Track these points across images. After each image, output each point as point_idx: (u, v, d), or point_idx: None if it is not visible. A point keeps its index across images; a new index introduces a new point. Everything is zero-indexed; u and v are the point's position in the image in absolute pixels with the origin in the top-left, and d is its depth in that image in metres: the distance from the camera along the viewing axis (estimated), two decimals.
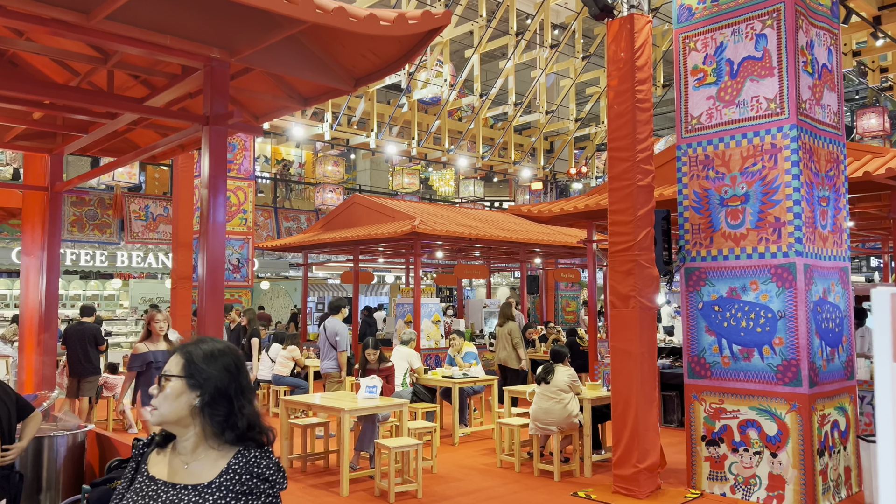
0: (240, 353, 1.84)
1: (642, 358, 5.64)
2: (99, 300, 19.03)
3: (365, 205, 13.47)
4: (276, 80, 4.17)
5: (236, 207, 13.07)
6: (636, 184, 5.69)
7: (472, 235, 12.09)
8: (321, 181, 18.44)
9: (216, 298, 3.66)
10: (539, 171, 18.25)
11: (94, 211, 15.68)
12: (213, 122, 3.55)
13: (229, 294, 12.94)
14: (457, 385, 7.72)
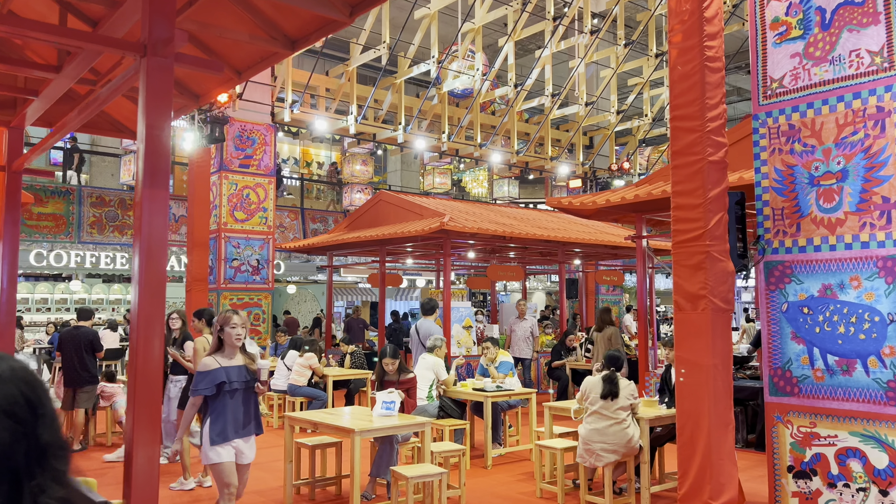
0: (35, 382, 0.94)
1: (715, 371, 4.61)
2: (122, 304, 18.51)
3: (392, 202, 12.60)
4: (249, 12, 3.28)
5: (256, 205, 12.32)
6: (706, 159, 4.68)
7: (506, 234, 11.11)
8: (349, 181, 17.67)
9: (153, 294, 2.76)
10: (578, 168, 17.18)
11: (114, 212, 15.13)
12: (153, 52, 2.67)
13: (248, 297, 12.18)
14: (489, 399, 6.75)
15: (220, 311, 3.72)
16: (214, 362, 4.08)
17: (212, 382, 4.02)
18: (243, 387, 4.11)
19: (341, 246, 13.38)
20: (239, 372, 4.10)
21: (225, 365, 4.09)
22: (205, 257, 11.50)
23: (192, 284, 11.32)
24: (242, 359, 4.17)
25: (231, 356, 4.15)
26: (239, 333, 4.14)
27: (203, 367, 4.08)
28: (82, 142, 20.46)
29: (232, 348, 4.15)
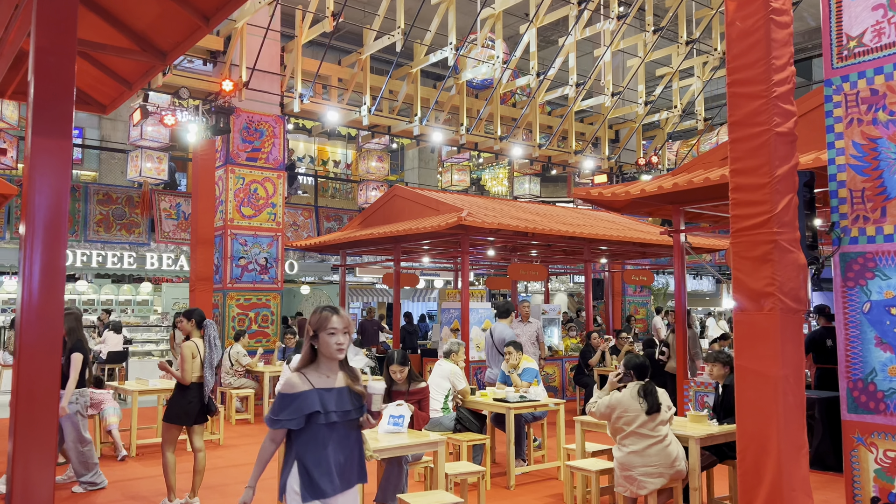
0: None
1: (786, 384, 3.84)
2: (132, 305, 18.01)
3: (407, 197, 11.91)
4: None
5: (264, 201, 11.69)
6: (773, 130, 3.91)
7: (528, 229, 10.37)
8: (364, 178, 17.03)
9: (47, 285, 2.06)
10: (603, 163, 16.36)
11: (121, 210, 14.60)
12: None
13: (256, 297, 11.55)
14: (513, 411, 6.01)
15: (315, 310, 2.97)
16: (304, 382, 2.89)
17: (300, 411, 2.84)
18: (345, 419, 2.94)
19: (354, 243, 12.72)
20: (340, 398, 2.92)
21: (320, 387, 2.89)
22: (210, 255, 10.89)
23: (197, 284, 10.72)
24: (344, 378, 2.98)
25: (329, 374, 2.94)
26: (341, 342, 2.91)
27: (288, 388, 2.89)
28: (92, 137, 20.04)
29: (330, 362, 2.95)
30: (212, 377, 5.43)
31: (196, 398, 5.40)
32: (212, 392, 5.66)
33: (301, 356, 3.00)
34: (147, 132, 12.52)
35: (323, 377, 2.93)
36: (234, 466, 7.02)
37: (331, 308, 2.95)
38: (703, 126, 16.82)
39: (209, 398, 5.48)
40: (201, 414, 5.48)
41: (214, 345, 5.46)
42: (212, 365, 5.42)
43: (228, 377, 9.95)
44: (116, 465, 7.00)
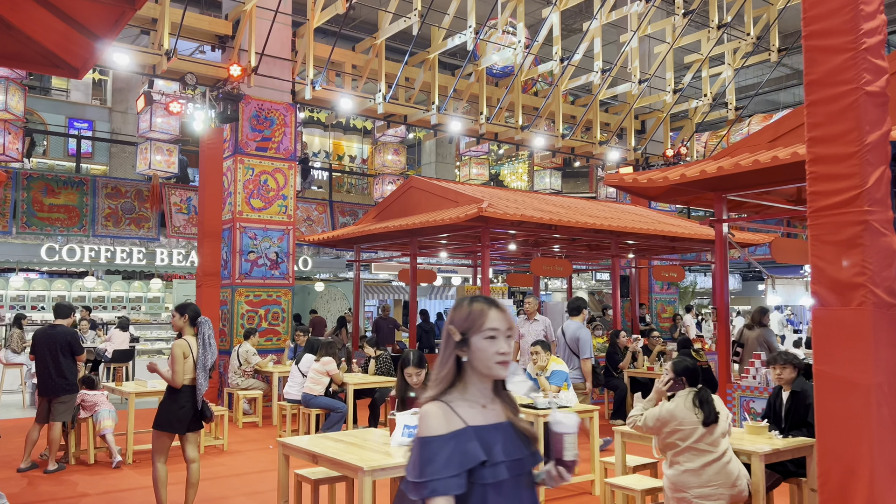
0: None
1: (879, 393, 3.19)
2: (143, 303, 17.61)
3: (424, 189, 11.32)
4: None
5: (275, 193, 11.15)
6: (862, 89, 3.26)
7: (552, 221, 9.75)
8: (380, 172, 16.48)
9: None
10: (629, 154, 15.67)
11: (130, 203, 14.18)
12: None
13: (266, 294, 11.02)
14: (542, 419, 5.40)
15: (460, 302, 1.94)
16: (451, 417, 1.82)
17: (461, 465, 1.77)
18: (517, 473, 1.87)
19: (369, 237, 12.17)
20: (507, 440, 1.88)
21: (475, 423, 1.84)
22: (217, 249, 10.39)
23: (204, 279, 10.23)
24: (504, 409, 1.93)
25: (484, 401, 1.90)
26: (503, 351, 1.88)
27: (431, 427, 1.79)
28: (102, 130, 19.69)
29: (483, 383, 1.90)
30: (205, 380, 4.87)
31: (188, 403, 4.84)
32: (213, 395, 5.15)
33: (437, 375, 1.89)
34: (156, 123, 12.04)
35: (476, 408, 1.85)
36: (237, 476, 6.47)
37: (486, 300, 1.92)
38: (733, 116, 16.08)
39: (203, 403, 4.93)
40: (195, 421, 4.92)
41: (209, 344, 4.90)
42: (205, 367, 4.86)
43: (236, 377, 9.43)
44: (110, 473, 6.48)
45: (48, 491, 5.90)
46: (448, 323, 1.93)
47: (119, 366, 11.72)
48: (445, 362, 1.90)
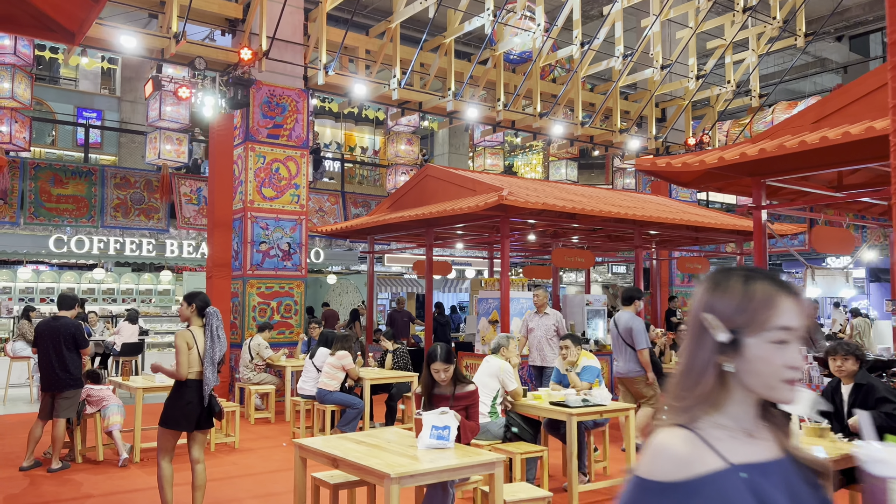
0: None
1: None
2: (153, 295, 17.36)
3: (440, 177, 10.95)
4: None
5: (287, 182, 10.82)
6: None
7: (575, 210, 9.36)
8: (393, 162, 16.12)
9: None
10: (650, 142, 15.23)
11: (139, 194, 13.89)
12: None
13: (278, 286, 10.70)
14: (575, 418, 5.04)
15: (722, 278, 1.26)
16: (707, 452, 1.18)
17: None
18: None
19: (383, 228, 11.82)
20: (791, 481, 1.20)
21: (743, 461, 1.19)
22: (228, 240, 10.08)
23: (214, 270, 9.93)
24: (777, 437, 1.26)
25: (751, 429, 1.24)
26: (795, 364, 1.22)
27: (664, 471, 1.17)
28: (111, 119, 19.43)
29: (749, 400, 1.25)
30: (213, 374, 4.55)
31: (195, 398, 4.52)
32: (224, 390, 4.83)
33: (685, 389, 1.25)
34: (166, 112, 11.73)
35: (740, 437, 1.22)
36: (249, 476, 6.15)
37: (770, 278, 1.26)
38: (756, 104, 15.61)
39: (211, 398, 4.60)
40: (204, 418, 4.60)
41: (217, 336, 4.57)
42: (213, 360, 4.53)
43: (247, 371, 9.12)
44: (116, 472, 6.18)
45: (51, 491, 5.60)
46: (702, 309, 1.26)
47: (128, 359, 11.45)
48: (700, 371, 1.24)
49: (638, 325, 6.91)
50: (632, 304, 7.20)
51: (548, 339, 8.08)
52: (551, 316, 8.09)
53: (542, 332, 8.11)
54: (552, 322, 8.07)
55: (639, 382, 6.82)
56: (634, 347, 6.84)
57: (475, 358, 10.25)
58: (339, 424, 7.22)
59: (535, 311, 8.21)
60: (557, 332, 8.01)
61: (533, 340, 8.23)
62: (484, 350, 9.90)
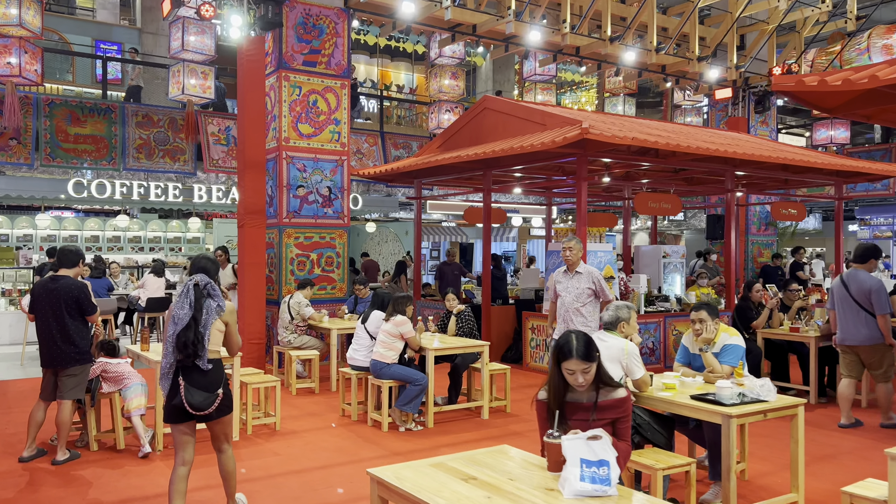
0: None
1: None
2: (182, 243, 16.32)
3: (501, 110, 9.50)
4: None
5: (326, 117, 9.45)
6: None
7: (671, 147, 7.89)
8: (436, 99, 14.59)
9: None
10: (730, 73, 13.46)
11: (163, 134, 12.64)
12: None
13: (318, 235, 9.46)
14: (735, 420, 3.72)
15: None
16: None
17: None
18: None
19: (434, 170, 10.46)
20: None
21: None
22: (261, 183, 8.80)
23: (246, 218, 8.68)
24: None
25: None
26: None
27: None
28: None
29: None
30: (167, 356, 3.69)
31: None
32: (261, 355, 3.62)
33: None
34: (189, 42, 10.39)
35: None
36: (295, 473, 4.98)
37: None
38: (853, 27, 13.67)
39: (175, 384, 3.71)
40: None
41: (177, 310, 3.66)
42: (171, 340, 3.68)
43: (287, 334, 7.97)
44: (135, 465, 5.07)
45: (50, 496, 4.49)
46: None
47: (154, 315, 10.41)
48: None
49: (879, 286, 6.08)
50: (867, 263, 6.24)
51: (579, 308, 6.09)
52: (584, 276, 6.14)
53: (572, 296, 6.10)
54: (586, 284, 6.11)
55: (878, 351, 6.05)
56: (875, 311, 6.01)
57: (541, 318, 8.96)
58: (398, 403, 6.03)
59: (565, 270, 6.30)
60: (596, 296, 6.15)
61: (560, 309, 6.22)
62: None
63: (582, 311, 6.09)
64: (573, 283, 6.17)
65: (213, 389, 3.66)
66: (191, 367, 3.62)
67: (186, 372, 3.62)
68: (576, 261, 6.20)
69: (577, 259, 6.20)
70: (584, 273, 6.18)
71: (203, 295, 3.67)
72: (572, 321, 6.07)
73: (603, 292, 6.15)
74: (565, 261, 6.25)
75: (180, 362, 3.63)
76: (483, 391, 6.51)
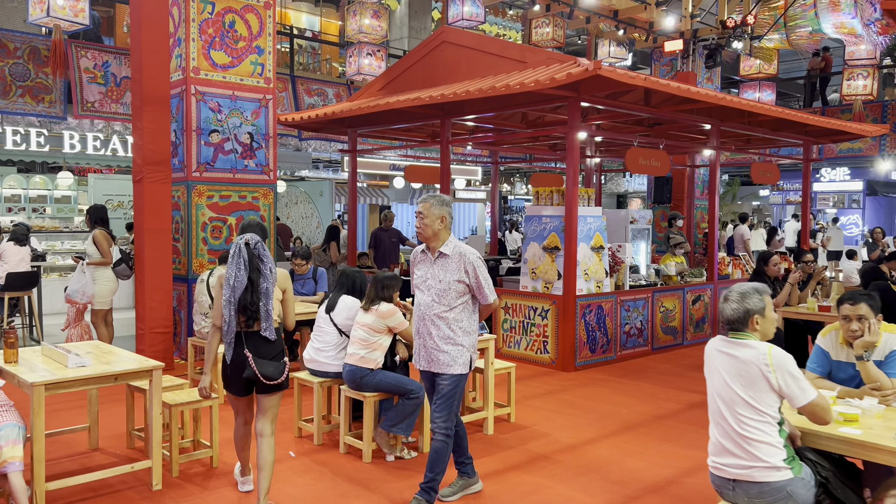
0: None
1: None
2: (48, 203, 13.58)
3: (466, 44, 7.89)
4: None
5: (245, 43, 7.45)
6: None
7: (681, 93, 6.65)
8: (356, 39, 12.70)
9: None
10: (685, 23, 12.44)
11: (23, 67, 10.08)
12: None
13: (237, 194, 7.53)
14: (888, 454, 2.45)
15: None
16: None
17: None
18: None
19: (375, 118, 8.77)
20: None
21: None
22: (164, 124, 6.75)
23: (145, 170, 6.64)
24: None
25: None
26: None
27: None
28: None
29: None
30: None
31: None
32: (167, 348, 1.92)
33: None
34: None
35: None
36: None
37: None
38: None
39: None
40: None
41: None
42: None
43: (206, 321, 6.11)
44: None
45: None
46: None
47: (16, 295, 8.10)
48: None
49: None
50: None
51: (441, 314, 3.63)
52: (454, 260, 3.62)
53: (431, 294, 3.65)
54: (454, 275, 3.61)
55: None
56: None
57: (518, 295, 7.56)
58: (385, 423, 4.42)
59: (423, 250, 3.77)
60: (470, 295, 3.66)
61: (420, 301, 3.74)
62: (533, 286, 7.23)
63: (445, 320, 3.59)
64: (434, 272, 3.65)
65: (280, 358, 3.55)
66: (254, 335, 3.48)
67: (251, 340, 3.48)
68: (434, 234, 3.61)
69: (436, 231, 3.60)
70: (452, 256, 3.61)
71: (255, 255, 3.47)
72: (429, 335, 3.63)
73: (480, 290, 3.62)
74: (418, 233, 3.68)
75: (243, 329, 3.48)
76: (487, 399, 5.02)
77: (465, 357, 3.65)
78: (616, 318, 7.41)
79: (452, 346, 3.62)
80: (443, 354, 3.62)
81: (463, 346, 3.63)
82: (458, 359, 3.62)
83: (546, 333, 7.10)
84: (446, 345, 3.61)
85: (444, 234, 3.66)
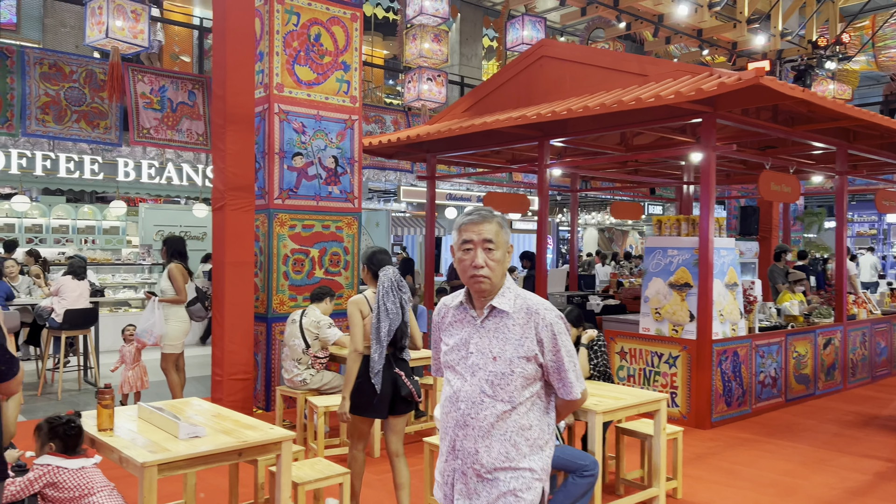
0: None
1: None
2: (96, 233, 13.01)
3: (570, 58, 7.14)
4: None
5: (331, 58, 6.78)
6: None
7: (844, 112, 5.82)
8: (415, 64, 12.13)
9: None
10: (774, 42, 11.65)
11: (79, 91, 9.58)
12: None
13: (320, 223, 6.77)
14: None
15: None
16: None
17: None
18: None
19: (466, 140, 8.06)
20: None
21: None
22: (249, 145, 6.04)
23: (227, 196, 5.91)
24: None
25: None
26: None
27: None
28: None
29: None
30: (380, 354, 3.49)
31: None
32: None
33: None
34: None
35: None
36: None
37: None
38: None
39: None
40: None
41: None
42: (379, 337, 3.57)
43: (301, 369, 5.31)
44: None
45: None
46: None
47: (74, 334, 7.39)
48: None
49: None
50: None
51: (499, 416, 2.03)
52: (520, 320, 2.07)
53: (478, 380, 2.04)
54: (518, 349, 2.04)
55: None
56: None
57: (632, 338, 6.67)
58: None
59: (461, 303, 2.15)
60: (543, 382, 2.09)
61: (444, 410, 2.15)
62: (657, 328, 6.35)
63: (503, 425, 2.02)
64: (481, 342, 2.07)
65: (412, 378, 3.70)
66: (399, 359, 3.70)
67: (399, 364, 3.68)
68: (499, 282, 2.09)
69: (502, 276, 2.10)
70: (514, 314, 2.06)
71: (400, 289, 3.68)
72: (474, 453, 2.04)
73: (562, 373, 2.07)
74: (474, 279, 2.06)
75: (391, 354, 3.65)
76: (658, 471, 4.12)
77: (536, 490, 2.04)
78: (751, 365, 6.48)
79: (512, 472, 2.02)
80: (495, 486, 2.02)
81: (532, 470, 2.03)
82: (522, 494, 2.02)
83: (675, 384, 6.19)
84: (504, 471, 2.02)
85: (506, 280, 2.11)
